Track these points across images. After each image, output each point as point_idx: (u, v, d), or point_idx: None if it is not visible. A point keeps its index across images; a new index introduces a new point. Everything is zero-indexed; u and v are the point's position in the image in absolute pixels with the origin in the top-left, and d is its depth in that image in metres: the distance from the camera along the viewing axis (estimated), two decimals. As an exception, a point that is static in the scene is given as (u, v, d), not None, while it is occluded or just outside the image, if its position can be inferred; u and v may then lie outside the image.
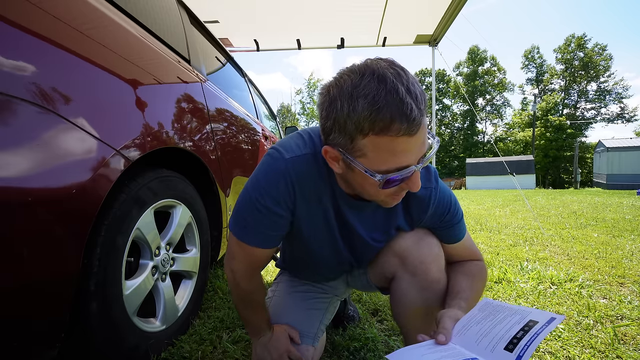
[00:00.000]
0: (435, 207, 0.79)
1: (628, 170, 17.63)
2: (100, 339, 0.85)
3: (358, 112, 0.54)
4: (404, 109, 0.52)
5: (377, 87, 0.53)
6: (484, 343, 0.57)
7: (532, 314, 0.60)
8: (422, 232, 0.84)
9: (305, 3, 3.03)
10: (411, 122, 0.53)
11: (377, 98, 0.53)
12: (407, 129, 0.53)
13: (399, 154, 0.56)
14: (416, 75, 4.51)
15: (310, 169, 0.71)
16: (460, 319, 0.65)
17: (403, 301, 0.83)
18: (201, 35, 1.81)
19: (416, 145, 0.56)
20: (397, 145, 0.55)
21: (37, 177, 0.64)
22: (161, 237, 1.11)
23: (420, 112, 0.54)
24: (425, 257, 0.80)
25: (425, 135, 0.58)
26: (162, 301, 1.09)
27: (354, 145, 0.58)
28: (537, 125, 29.70)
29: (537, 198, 8.74)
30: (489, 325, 0.60)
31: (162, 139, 1.05)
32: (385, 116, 0.52)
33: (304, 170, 0.70)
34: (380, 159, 0.57)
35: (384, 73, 0.54)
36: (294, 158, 0.70)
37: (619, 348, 1.14)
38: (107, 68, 0.86)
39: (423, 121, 0.55)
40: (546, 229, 3.68)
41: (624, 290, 1.73)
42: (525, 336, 0.55)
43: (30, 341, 0.67)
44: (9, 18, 0.62)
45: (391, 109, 0.52)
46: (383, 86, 0.53)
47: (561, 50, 33.41)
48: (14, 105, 0.60)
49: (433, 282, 0.80)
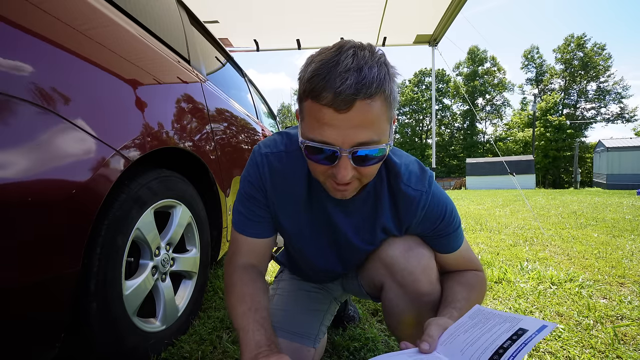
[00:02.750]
0: (426, 212, 0.74)
1: (628, 170, 17.64)
2: (100, 339, 0.85)
3: (305, 75, 0.57)
4: (337, 80, 0.52)
5: (329, 57, 0.55)
6: (469, 352, 0.54)
7: (523, 321, 0.57)
8: (412, 240, 0.79)
9: (305, 3, 3.03)
10: (338, 94, 0.52)
11: (322, 66, 0.54)
12: (332, 100, 0.53)
13: (323, 125, 0.55)
14: (416, 75, 4.44)
15: (283, 166, 0.75)
16: (449, 327, 0.62)
17: (393, 312, 0.81)
18: (201, 35, 1.81)
19: (346, 125, 0.54)
20: (323, 115, 0.55)
21: (37, 177, 0.63)
22: (161, 237, 1.11)
23: (358, 92, 0.52)
24: (414, 268, 0.76)
25: (367, 123, 0.55)
26: (162, 301, 1.09)
27: (301, 107, 0.61)
28: (536, 126, 29.69)
29: (537, 198, 8.74)
30: (476, 334, 0.57)
31: (162, 139, 1.05)
32: (318, 82, 0.54)
33: (276, 166, 0.75)
34: (309, 124, 0.58)
35: (347, 49, 0.55)
36: (268, 154, 0.76)
37: (619, 348, 1.14)
38: (107, 68, 0.86)
39: (362, 105, 0.53)
40: (546, 229, 3.68)
41: (624, 290, 1.73)
42: (512, 346, 0.52)
43: (30, 341, 0.67)
44: (9, 18, 0.62)
45: (327, 77, 0.53)
46: (335, 58, 0.54)
47: (561, 50, 33.43)
48: (14, 105, 0.60)
49: (423, 295, 0.77)
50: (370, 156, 0.58)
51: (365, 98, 0.53)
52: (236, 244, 0.80)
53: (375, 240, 0.80)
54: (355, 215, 0.78)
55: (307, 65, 0.58)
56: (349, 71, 0.52)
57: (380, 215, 0.77)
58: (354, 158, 0.57)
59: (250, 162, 0.78)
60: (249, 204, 0.78)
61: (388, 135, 0.60)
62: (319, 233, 0.81)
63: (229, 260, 0.81)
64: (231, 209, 1.66)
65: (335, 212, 0.77)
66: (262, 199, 0.78)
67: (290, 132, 0.80)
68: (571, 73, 33.15)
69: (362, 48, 0.56)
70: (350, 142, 0.56)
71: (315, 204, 0.78)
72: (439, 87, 39.53)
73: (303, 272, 1.00)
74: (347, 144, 0.56)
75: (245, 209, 0.78)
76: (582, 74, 32.34)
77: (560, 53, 33.49)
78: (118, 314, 0.89)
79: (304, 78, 0.57)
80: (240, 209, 0.79)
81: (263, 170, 0.75)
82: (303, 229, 0.81)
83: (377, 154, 0.59)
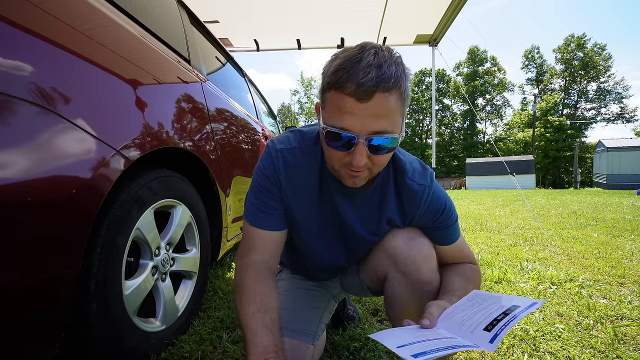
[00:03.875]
0: (428, 204, 0.80)
1: (628, 170, 17.63)
2: (100, 339, 0.85)
3: (330, 69, 0.62)
4: (360, 74, 0.58)
5: (353, 54, 0.61)
6: (466, 325, 0.60)
7: (516, 300, 0.63)
8: (413, 232, 0.85)
9: (305, 3, 3.03)
10: (360, 85, 0.58)
11: (346, 61, 0.60)
12: (354, 90, 0.58)
13: (344, 114, 0.61)
14: (416, 75, 4.49)
15: (297, 161, 0.79)
16: (448, 308, 0.67)
17: (396, 302, 0.84)
18: (201, 35, 1.81)
19: (364, 114, 0.60)
20: (345, 104, 0.60)
21: (37, 176, 0.64)
22: (161, 237, 1.11)
23: (378, 85, 0.58)
24: (416, 256, 0.80)
25: (383, 113, 0.60)
26: (162, 301, 1.09)
27: (323, 97, 0.66)
28: (537, 126, 29.68)
29: (537, 198, 8.74)
30: (473, 312, 0.63)
31: (162, 139, 1.05)
32: (342, 75, 0.59)
33: (290, 161, 0.79)
34: (331, 112, 0.63)
35: (369, 48, 0.61)
36: (283, 149, 0.79)
37: (619, 348, 1.14)
38: (107, 68, 0.86)
39: (380, 97, 0.59)
40: (546, 229, 3.68)
41: (624, 290, 1.73)
42: (505, 318, 0.57)
43: (30, 341, 0.67)
44: (9, 18, 0.62)
45: (350, 71, 0.59)
46: (358, 55, 0.60)
47: (561, 50, 33.42)
48: (14, 105, 0.60)
49: (425, 283, 0.80)
50: (383, 146, 0.63)
51: (384, 91, 0.59)
52: (249, 239, 0.81)
53: (380, 231, 0.85)
54: (363, 207, 0.83)
55: (332, 60, 0.64)
56: (370, 66, 0.58)
57: (386, 207, 0.82)
58: (369, 146, 0.63)
59: (265, 156, 0.80)
60: (262, 196, 0.80)
61: (400, 128, 0.66)
62: (328, 225, 0.85)
63: (241, 256, 0.81)
64: (231, 209, 1.66)
65: (344, 205, 0.82)
66: (276, 191, 0.80)
67: (303, 129, 0.84)
68: (571, 73, 33.13)
69: (382, 49, 0.62)
70: (368, 130, 0.61)
71: (325, 197, 0.82)
72: (439, 87, 39.52)
73: (305, 269, 1.01)
74: (364, 131, 0.61)
75: (258, 202, 0.80)
76: (582, 74, 32.32)
77: (560, 53, 33.48)
78: (118, 314, 0.89)
79: (329, 71, 0.62)
80: (254, 201, 0.80)
81: (278, 164, 0.78)
82: (313, 222, 0.85)
83: (389, 144, 0.64)
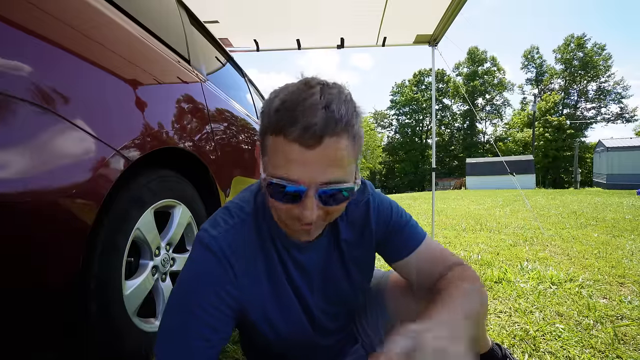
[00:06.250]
0: (378, 212, 0.75)
1: (628, 170, 17.62)
2: (100, 339, 0.85)
3: (271, 108, 0.53)
4: (305, 116, 0.49)
5: (297, 91, 0.52)
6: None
7: None
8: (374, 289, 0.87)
9: (305, 3, 3.03)
10: (305, 130, 0.49)
11: (288, 100, 0.52)
12: (299, 135, 0.50)
13: (289, 163, 0.52)
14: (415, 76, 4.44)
15: (235, 240, 0.64)
16: None
17: None
18: (201, 36, 1.81)
19: (313, 163, 0.51)
20: (289, 151, 0.51)
21: (37, 177, 0.64)
22: (161, 237, 1.11)
23: (326, 129, 0.50)
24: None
25: (334, 161, 0.52)
26: (162, 301, 1.09)
27: (263, 142, 0.57)
28: (536, 126, 29.70)
29: (537, 198, 8.74)
30: None
31: (162, 139, 1.05)
32: (284, 117, 0.51)
33: (231, 242, 0.63)
34: (274, 161, 0.54)
35: (315, 84, 0.53)
36: (221, 234, 0.63)
37: (619, 348, 1.14)
38: (107, 68, 0.86)
39: (330, 142, 0.51)
40: (546, 229, 3.68)
41: (624, 290, 1.73)
42: None
43: (30, 341, 0.67)
44: (9, 18, 0.62)
45: (294, 112, 0.50)
46: (304, 92, 0.52)
47: (561, 50, 33.42)
48: (14, 105, 0.60)
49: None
50: (337, 195, 0.55)
51: (333, 135, 0.51)
52: None
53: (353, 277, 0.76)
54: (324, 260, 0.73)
55: (271, 99, 0.54)
56: (316, 107, 0.50)
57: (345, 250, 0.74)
58: (320, 197, 0.54)
59: (202, 256, 0.61)
60: (207, 316, 0.59)
61: (355, 174, 0.58)
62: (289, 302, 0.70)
63: None
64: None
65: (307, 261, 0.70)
66: (232, 291, 0.62)
67: (228, 205, 0.69)
68: (571, 73, 33.13)
69: (329, 85, 0.54)
70: (318, 181, 0.53)
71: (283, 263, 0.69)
72: (439, 87, 39.51)
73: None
74: (314, 182, 0.53)
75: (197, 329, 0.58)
76: (582, 74, 32.32)
77: (560, 53, 33.47)
78: (118, 314, 0.89)
79: (269, 111, 0.53)
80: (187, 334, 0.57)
81: (224, 254, 0.62)
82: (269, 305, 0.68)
83: (344, 194, 0.56)
